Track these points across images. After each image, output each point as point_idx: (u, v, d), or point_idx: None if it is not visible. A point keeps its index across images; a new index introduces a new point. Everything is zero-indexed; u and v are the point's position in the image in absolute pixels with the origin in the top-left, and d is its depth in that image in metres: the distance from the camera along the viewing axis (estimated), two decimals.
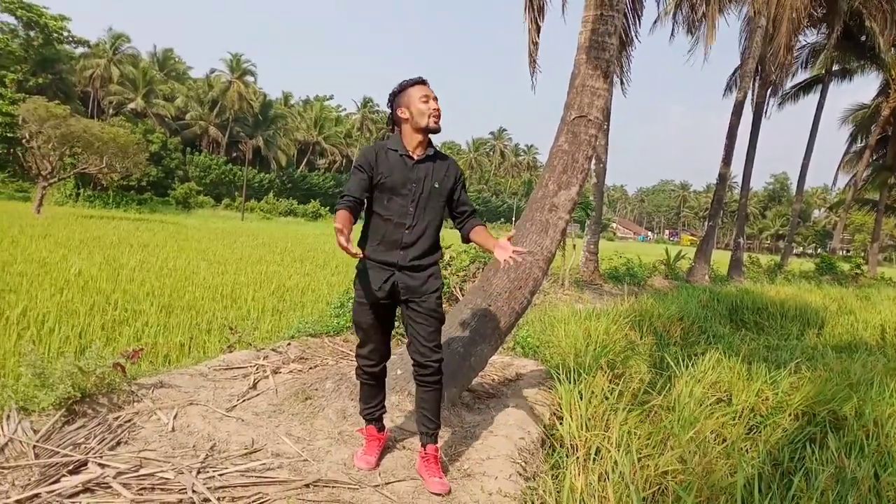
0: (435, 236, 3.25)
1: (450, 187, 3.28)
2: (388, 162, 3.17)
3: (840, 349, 8.49)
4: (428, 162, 3.22)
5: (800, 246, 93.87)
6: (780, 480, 3.79)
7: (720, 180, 19.88)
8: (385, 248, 3.17)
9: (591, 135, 4.60)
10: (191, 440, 3.36)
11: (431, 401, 3.25)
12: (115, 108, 58.61)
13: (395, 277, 3.15)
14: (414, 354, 3.23)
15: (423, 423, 3.27)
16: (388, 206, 3.16)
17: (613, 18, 4.65)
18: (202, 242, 17.81)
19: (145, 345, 5.61)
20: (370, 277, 3.17)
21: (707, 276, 18.98)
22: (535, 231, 4.52)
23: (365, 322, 3.25)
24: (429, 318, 3.19)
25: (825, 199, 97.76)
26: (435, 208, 3.23)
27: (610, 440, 3.58)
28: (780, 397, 5.03)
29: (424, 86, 3.18)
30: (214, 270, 11.25)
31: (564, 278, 13.08)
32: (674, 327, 8.21)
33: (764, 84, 22.23)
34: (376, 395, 3.43)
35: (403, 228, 3.15)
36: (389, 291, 3.16)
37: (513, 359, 6.10)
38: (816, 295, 14.51)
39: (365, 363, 3.35)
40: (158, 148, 54.08)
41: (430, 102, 3.13)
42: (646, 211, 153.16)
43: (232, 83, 66.03)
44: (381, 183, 3.15)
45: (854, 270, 25.10)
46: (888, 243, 45.66)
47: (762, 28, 18.42)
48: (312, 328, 6.24)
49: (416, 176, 3.17)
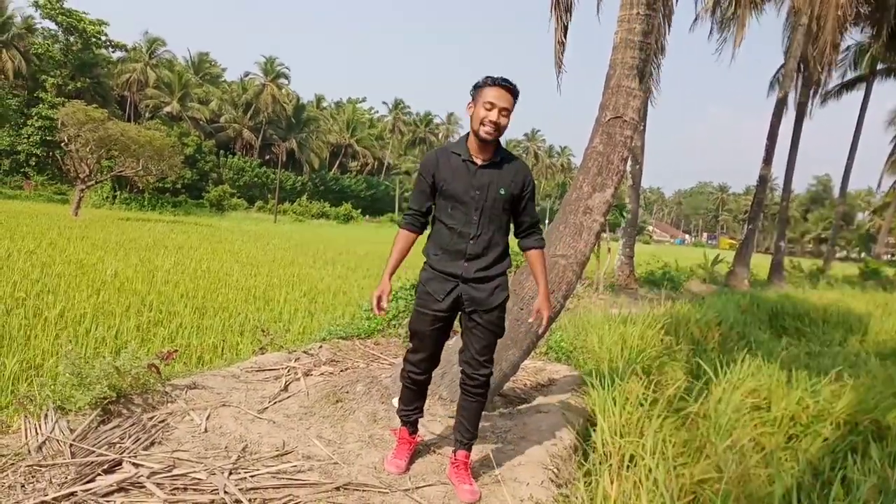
0: (503, 245, 3.09)
1: (517, 195, 3.06)
2: (450, 167, 3.00)
3: (884, 356, 8.25)
4: (493, 167, 3.00)
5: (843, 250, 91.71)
6: (819, 491, 3.69)
7: (760, 182, 19.52)
8: (449, 258, 3.02)
9: (627, 136, 4.52)
10: (223, 441, 3.37)
11: (472, 410, 3.19)
12: (151, 111, 59.72)
13: (460, 289, 3.02)
14: (464, 364, 3.16)
15: (460, 431, 3.21)
16: (451, 215, 3.00)
17: (650, 17, 4.57)
18: (235, 244, 18.03)
19: (179, 346, 5.67)
20: (432, 287, 3.05)
21: (746, 281, 18.63)
22: (569, 234, 4.45)
23: (421, 331, 3.12)
24: (487, 332, 3.08)
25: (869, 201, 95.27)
26: (502, 217, 3.04)
27: (644, 447, 3.50)
28: (821, 405, 4.89)
29: (500, 90, 2.88)
30: (247, 272, 11.37)
31: (599, 282, 12.94)
32: (711, 333, 8.05)
33: (806, 84, 21.78)
34: (416, 399, 3.33)
35: (468, 238, 2.98)
36: (452, 303, 3.04)
37: (545, 363, 6.03)
38: (860, 300, 14.16)
39: (412, 370, 3.23)
40: (193, 151, 54.91)
41: (492, 111, 2.87)
42: (683, 214, 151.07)
43: (265, 86, 66.84)
44: (443, 190, 3.00)
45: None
46: None
47: (804, 26, 18.04)
48: (343, 331, 6.25)
49: (480, 182, 2.97)
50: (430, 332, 3.10)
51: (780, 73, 22.66)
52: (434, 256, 3.06)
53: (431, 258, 3.07)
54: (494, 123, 2.88)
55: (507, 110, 2.89)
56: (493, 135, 2.90)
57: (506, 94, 2.88)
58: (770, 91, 24.37)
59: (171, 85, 60.90)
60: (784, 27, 22.47)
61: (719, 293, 13.59)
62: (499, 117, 2.88)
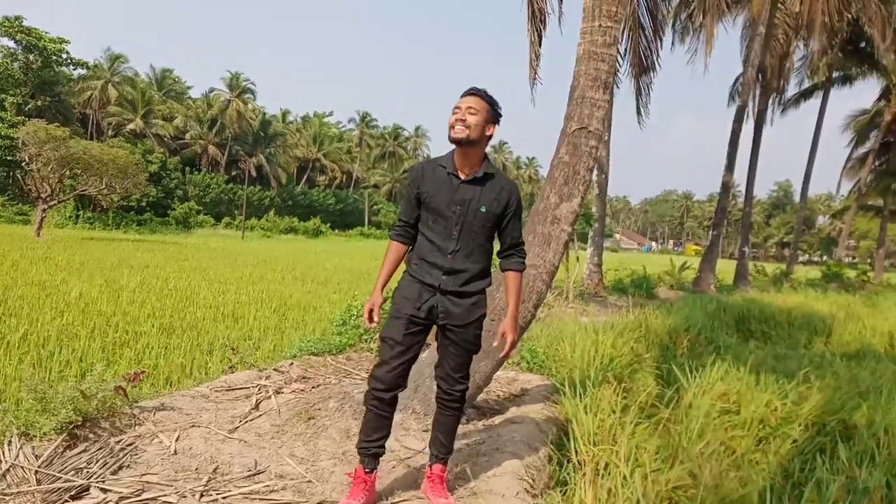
0: (483, 263, 3.04)
1: (499, 213, 3.00)
2: (435, 180, 2.98)
3: (848, 357, 8.42)
4: (476, 184, 2.96)
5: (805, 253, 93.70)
6: (791, 492, 3.74)
7: (723, 189, 19.89)
8: (427, 269, 2.98)
9: (592, 146, 4.57)
10: (193, 463, 3.31)
11: (448, 425, 3.17)
12: (114, 129, 58.80)
13: (436, 300, 2.97)
14: (439, 379, 3.15)
15: (436, 446, 3.18)
16: (432, 227, 2.98)
17: (612, 30, 4.63)
18: (203, 262, 17.80)
19: (146, 367, 5.56)
20: (409, 293, 2.99)
21: (713, 286, 18.92)
22: (538, 244, 4.48)
23: (393, 338, 2.96)
24: (462, 350, 3.05)
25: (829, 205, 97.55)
26: (481, 234, 2.99)
27: (618, 455, 3.52)
28: (789, 407, 4.97)
29: (465, 97, 2.93)
30: (215, 290, 11.22)
31: (569, 291, 13.02)
32: (680, 338, 8.15)
33: (765, 92, 22.30)
34: (379, 428, 3.05)
35: (446, 253, 2.95)
36: (427, 313, 2.97)
37: (518, 374, 6.04)
38: (823, 303, 14.46)
39: (377, 386, 2.99)
40: (158, 168, 54.17)
41: (458, 112, 2.90)
42: (649, 221, 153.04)
43: (231, 102, 66.30)
44: (425, 202, 2.98)
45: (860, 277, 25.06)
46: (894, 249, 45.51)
47: (760, 36, 18.49)
48: (315, 347, 6.19)
49: (461, 198, 2.94)
50: (403, 338, 2.96)
51: (739, 82, 23.17)
52: (414, 266, 3.03)
53: (412, 266, 3.05)
54: (461, 120, 2.87)
55: (473, 108, 2.89)
56: (462, 133, 2.86)
57: (471, 97, 2.92)
58: (730, 100, 24.89)
59: (133, 102, 60.06)
60: (742, 37, 23.03)
61: (687, 299, 13.76)
62: (465, 114, 2.88)
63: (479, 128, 2.90)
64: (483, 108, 2.91)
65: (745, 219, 23.26)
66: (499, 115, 3.00)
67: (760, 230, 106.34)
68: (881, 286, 25.17)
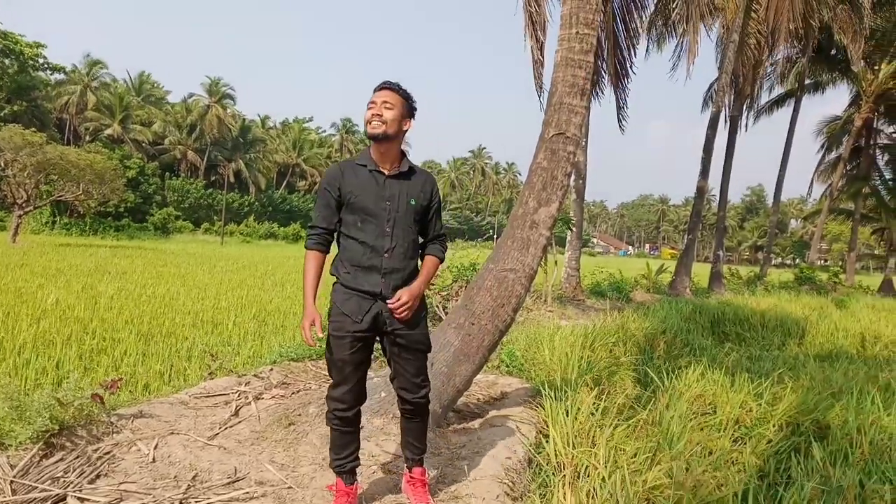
0: (416, 259, 3.01)
1: (425, 205, 3.00)
2: (356, 179, 2.89)
3: (821, 358, 8.57)
4: (402, 178, 2.94)
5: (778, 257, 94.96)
6: (766, 492, 3.80)
7: (698, 194, 20.11)
8: (363, 275, 2.85)
9: (570, 151, 4.62)
10: (172, 470, 3.30)
11: (417, 430, 3.13)
12: (91, 134, 58.11)
13: (379, 307, 2.86)
14: (400, 391, 3.03)
15: (409, 449, 3.16)
16: (362, 229, 2.86)
17: (589, 37, 4.70)
18: (181, 268, 17.65)
19: (124, 374, 5.52)
20: (349, 308, 2.85)
21: (688, 289, 19.12)
22: (517, 248, 4.52)
23: (340, 359, 2.87)
24: (416, 353, 2.99)
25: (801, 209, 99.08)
26: (412, 228, 2.96)
27: (597, 457, 3.56)
28: (763, 408, 5.05)
29: (380, 91, 2.89)
30: (194, 296, 11.14)
31: (547, 295, 13.08)
32: (657, 341, 8.24)
33: (738, 98, 22.60)
34: (348, 444, 3.02)
35: (382, 252, 2.85)
36: (371, 322, 2.86)
37: (498, 377, 6.07)
38: (796, 305, 14.67)
39: (337, 406, 2.94)
40: (136, 173, 53.62)
41: (373, 107, 2.85)
42: (626, 226, 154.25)
43: (210, 107, 65.81)
44: (350, 203, 2.87)
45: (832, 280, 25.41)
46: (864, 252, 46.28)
47: (734, 44, 18.77)
48: (295, 352, 6.18)
49: (390, 193, 2.89)
50: (351, 357, 2.86)
51: (713, 88, 23.47)
52: (346, 275, 2.89)
53: (343, 276, 2.90)
54: (378, 115, 2.82)
55: (389, 103, 2.85)
56: (380, 128, 2.83)
57: (385, 91, 2.88)
58: (704, 106, 25.20)
59: (111, 107, 59.41)
60: (717, 44, 23.34)
61: (663, 302, 13.89)
62: (381, 108, 2.83)
63: (396, 122, 2.86)
64: (399, 103, 2.88)
65: (720, 223, 23.55)
66: (414, 109, 2.96)
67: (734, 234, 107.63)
68: (852, 288, 25.59)
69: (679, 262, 20.18)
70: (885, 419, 4.86)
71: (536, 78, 10.73)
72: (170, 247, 33.69)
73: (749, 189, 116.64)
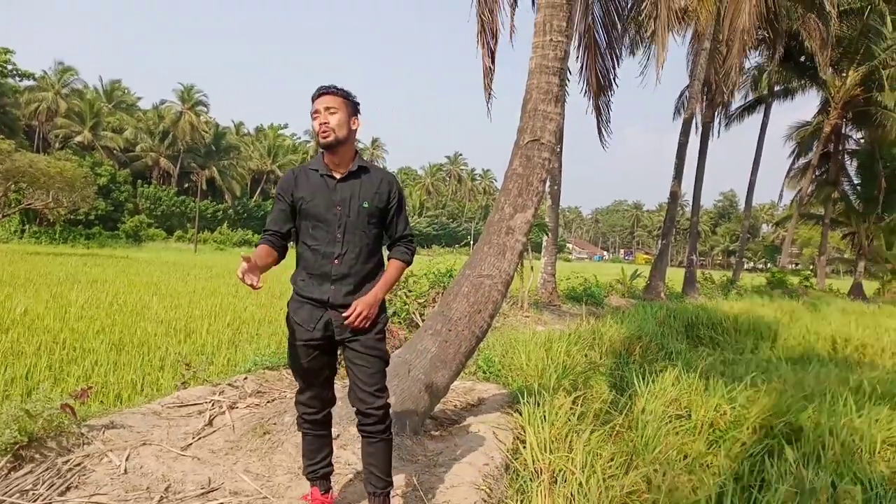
0: (372, 263, 2.87)
1: (382, 207, 2.88)
2: (308, 184, 2.83)
3: (793, 361, 8.68)
4: (354, 179, 2.83)
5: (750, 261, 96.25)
6: (741, 494, 3.83)
7: (672, 199, 20.35)
8: (314, 283, 2.81)
9: (545, 158, 4.65)
10: (144, 482, 3.24)
11: (379, 455, 2.89)
12: (61, 141, 57.30)
13: (329, 315, 2.79)
14: (354, 402, 2.87)
15: (371, 482, 2.92)
16: (313, 235, 2.80)
17: (562, 44, 4.73)
18: (154, 276, 17.42)
19: (95, 384, 5.42)
20: (301, 317, 2.82)
21: (663, 294, 19.30)
22: (493, 254, 4.53)
23: (301, 366, 2.86)
24: (368, 358, 2.82)
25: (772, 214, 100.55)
26: (367, 232, 2.84)
27: (574, 462, 3.57)
28: (737, 411, 5.10)
29: (320, 98, 2.79)
30: (167, 304, 11.00)
31: (523, 300, 13.12)
32: (633, 345, 8.29)
33: (710, 105, 22.92)
34: (320, 448, 3.02)
35: (332, 259, 2.78)
36: (324, 330, 2.80)
37: (475, 383, 6.07)
38: (768, 309, 14.87)
39: (305, 410, 2.95)
40: (107, 181, 52.93)
41: (319, 116, 2.77)
42: (601, 231, 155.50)
43: (183, 114, 65.19)
44: (302, 209, 2.81)
45: (803, 283, 25.86)
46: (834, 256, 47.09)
47: (706, 51, 19.04)
48: (269, 361, 6.11)
49: (341, 197, 2.79)
50: (310, 364, 2.86)
51: (685, 95, 23.80)
52: (300, 283, 2.85)
53: (298, 284, 2.86)
54: (324, 124, 2.75)
55: (332, 108, 2.76)
56: (330, 136, 2.75)
57: (325, 97, 2.78)
58: (676, 113, 25.52)
59: (82, 114, 58.64)
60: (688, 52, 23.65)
61: (638, 306, 14.00)
62: (326, 116, 2.75)
63: (345, 125, 2.79)
64: (341, 105, 2.79)
65: (693, 228, 23.85)
66: (357, 106, 2.88)
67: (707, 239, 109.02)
68: (823, 292, 26.03)
69: (653, 266, 20.39)
70: (857, 421, 4.94)
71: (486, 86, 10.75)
72: (142, 255, 33.26)
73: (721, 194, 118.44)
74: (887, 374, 7.38)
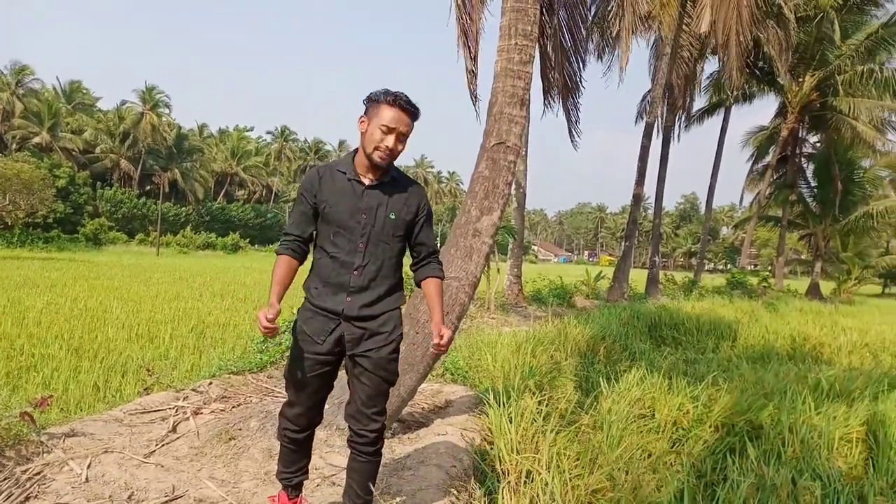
0: (393, 278, 2.72)
1: (409, 220, 2.70)
2: (334, 187, 2.62)
3: (754, 360, 8.86)
4: (383, 188, 2.64)
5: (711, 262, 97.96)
6: (704, 491, 3.91)
7: (634, 201, 20.64)
8: (329, 293, 2.62)
9: (511, 161, 4.68)
10: (106, 490, 3.18)
11: (363, 472, 2.78)
12: (18, 142, 55.78)
13: (342, 328, 2.63)
14: (349, 419, 2.74)
15: (350, 497, 2.81)
16: (334, 242, 2.61)
17: (528, 48, 4.77)
18: (114, 280, 17.09)
19: (55, 391, 5.31)
20: (312, 328, 2.64)
21: (626, 295, 19.56)
22: (460, 256, 4.55)
23: (299, 380, 2.68)
24: (374, 377, 2.66)
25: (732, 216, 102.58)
26: (391, 245, 2.67)
27: (540, 462, 3.60)
28: (700, 410, 5.20)
29: (400, 113, 2.54)
30: (129, 309, 10.80)
31: (490, 302, 13.19)
32: (598, 346, 8.39)
33: (672, 109, 23.31)
34: (297, 460, 2.89)
35: (351, 269, 2.60)
36: (334, 345, 2.64)
37: (442, 385, 6.08)
38: (729, 309, 15.15)
39: (290, 427, 2.79)
40: (66, 183, 51.70)
41: (388, 136, 2.52)
42: (565, 233, 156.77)
43: (144, 115, 63.99)
44: (324, 213, 2.61)
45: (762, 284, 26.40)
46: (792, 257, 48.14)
47: (667, 56, 19.36)
48: (235, 365, 6.05)
49: (367, 205, 2.60)
50: (311, 379, 2.67)
51: (647, 100, 24.16)
52: (314, 291, 2.67)
53: (311, 293, 2.68)
54: (391, 150, 2.55)
55: (404, 136, 2.57)
56: (387, 160, 2.57)
57: (406, 117, 2.55)
58: (639, 117, 25.89)
59: (40, 115, 57.19)
60: (650, 56, 24.03)
61: (602, 307, 14.16)
62: (395, 144, 2.55)
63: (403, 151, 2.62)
64: (412, 129, 2.61)
65: (655, 230, 24.23)
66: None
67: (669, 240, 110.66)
68: (782, 292, 26.60)
69: (617, 268, 20.65)
70: (815, 418, 5.07)
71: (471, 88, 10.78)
72: (102, 258, 32.55)
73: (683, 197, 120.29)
74: (844, 372, 7.58)
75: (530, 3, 4.79)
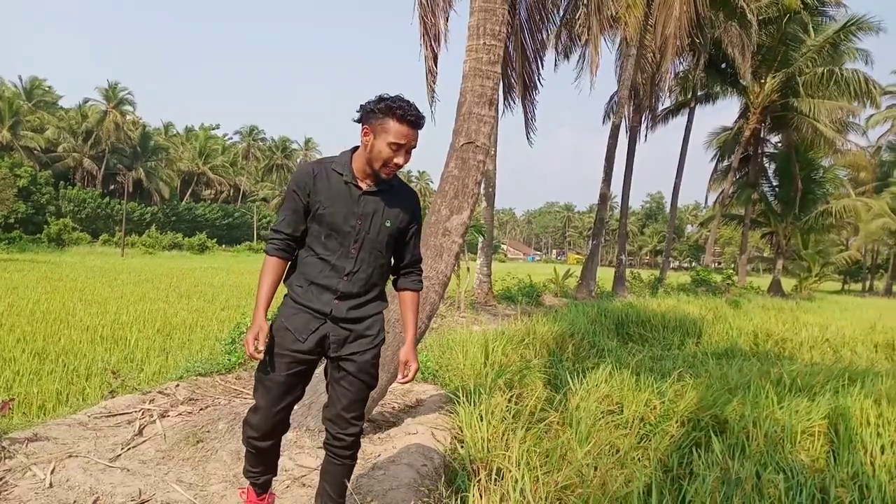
0: (381, 285, 2.68)
1: (402, 228, 2.65)
2: (329, 187, 2.52)
3: (718, 356, 9.01)
4: (381, 195, 2.57)
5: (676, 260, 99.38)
6: (671, 485, 3.97)
7: (601, 201, 20.88)
8: (316, 292, 2.55)
9: (480, 160, 4.70)
10: (71, 496, 3.13)
11: (338, 475, 2.72)
12: None
13: (327, 328, 2.56)
14: (327, 423, 2.67)
15: (323, 500, 2.76)
16: (325, 244, 2.54)
17: (496, 48, 4.80)
18: (78, 281, 16.75)
19: (17, 395, 5.19)
20: (294, 324, 2.55)
21: (594, 293, 19.79)
22: (431, 256, 4.56)
23: (272, 380, 2.58)
24: (357, 381, 2.61)
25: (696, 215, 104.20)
26: (384, 252, 2.62)
27: (510, 459, 3.63)
28: (666, 405, 5.27)
29: (411, 130, 2.45)
30: (93, 311, 10.60)
31: (460, 301, 13.22)
32: (566, 343, 8.45)
33: (637, 110, 23.63)
34: (263, 462, 2.82)
35: (342, 274, 2.54)
36: (316, 344, 2.56)
37: (413, 384, 6.09)
38: (694, 306, 15.39)
39: (253, 436, 2.68)
40: (27, 182, 50.54)
41: (398, 153, 2.45)
42: (534, 232, 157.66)
43: (108, 113, 62.79)
44: (318, 214, 2.52)
45: (726, 281, 26.86)
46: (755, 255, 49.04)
47: (632, 57, 19.61)
48: (202, 367, 5.99)
49: (363, 211, 2.53)
50: (285, 378, 2.57)
51: (614, 101, 24.44)
52: (298, 288, 2.58)
53: (295, 290, 2.59)
54: (398, 165, 2.48)
55: (413, 146, 2.49)
56: (393, 175, 2.54)
57: (415, 131, 2.47)
58: (605, 117, 26.19)
59: (0, 113, 55.84)
60: (616, 58, 24.31)
61: (570, 305, 14.29)
62: (405, 157, 2.48)
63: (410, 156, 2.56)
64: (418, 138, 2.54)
65: (622, 229, 24.59)
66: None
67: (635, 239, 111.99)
68: (745, 289, 27.10)
69: (585, 266, 20.87)
70: (779, 412, 5.17)
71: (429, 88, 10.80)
72: (66, 259, 31.89)
73: (649, 196, 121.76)
74: (806, 367, 7.75)
75: (499, 3, 4.82)
